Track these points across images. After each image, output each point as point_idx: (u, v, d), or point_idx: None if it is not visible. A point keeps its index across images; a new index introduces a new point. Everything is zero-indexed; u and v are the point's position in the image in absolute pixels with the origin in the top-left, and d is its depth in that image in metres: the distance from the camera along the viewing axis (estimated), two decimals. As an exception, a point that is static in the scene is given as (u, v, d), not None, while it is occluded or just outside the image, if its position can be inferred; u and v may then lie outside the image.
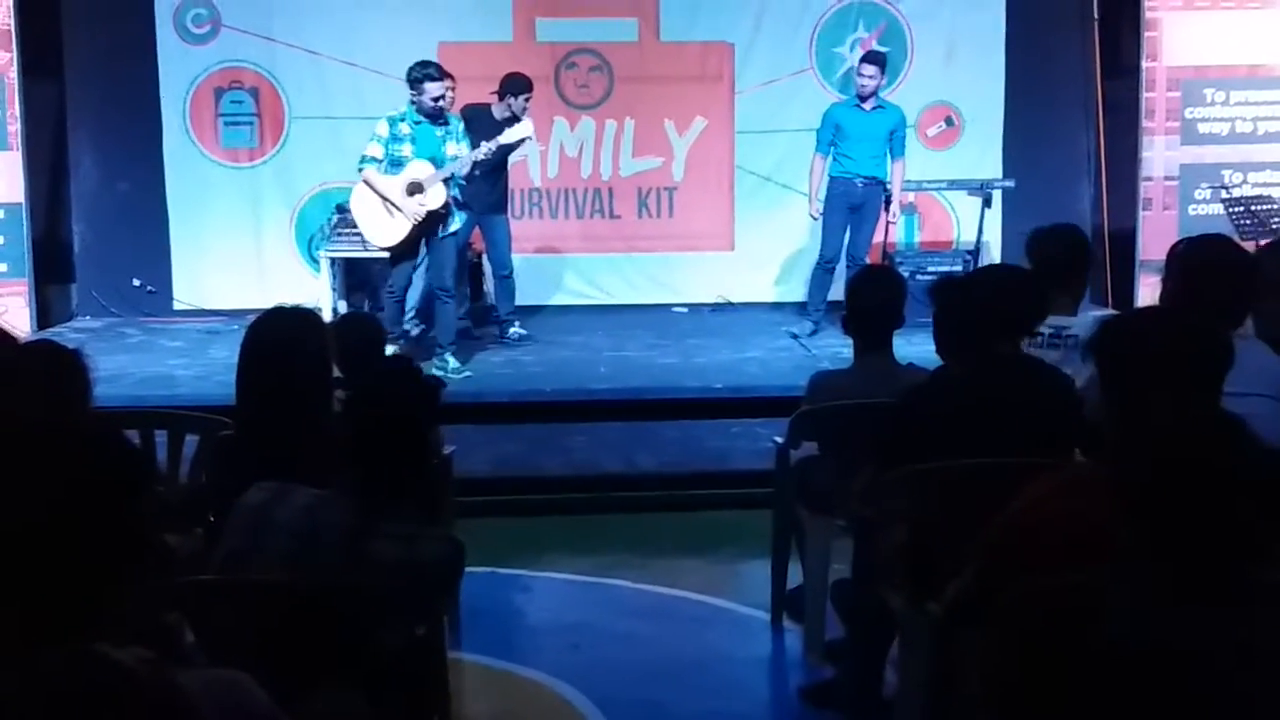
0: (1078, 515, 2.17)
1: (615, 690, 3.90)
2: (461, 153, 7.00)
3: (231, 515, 2.57)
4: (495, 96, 7.80)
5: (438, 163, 6.95)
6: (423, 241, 7.13)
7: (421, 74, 6.94)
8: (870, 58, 8.01)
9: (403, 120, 7.01)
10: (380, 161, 7.03)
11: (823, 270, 8.05)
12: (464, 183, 7.19)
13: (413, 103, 7.00)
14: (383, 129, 7.04)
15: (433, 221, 7.03)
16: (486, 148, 7.03)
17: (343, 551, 2.47)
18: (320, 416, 2.66)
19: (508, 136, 7.22)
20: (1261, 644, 1.74)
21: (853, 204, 7.90)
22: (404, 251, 7.16)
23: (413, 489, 2.60)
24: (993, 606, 2.08)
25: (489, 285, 8.44)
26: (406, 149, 6.99)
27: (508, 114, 7.67)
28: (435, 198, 6.94)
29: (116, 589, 1.55)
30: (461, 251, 7.69)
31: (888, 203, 7.94)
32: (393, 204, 6.99)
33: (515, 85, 7.73)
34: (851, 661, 3.72)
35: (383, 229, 7.10)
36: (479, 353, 7.75)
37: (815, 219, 8.08)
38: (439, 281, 7.19)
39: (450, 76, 7.11)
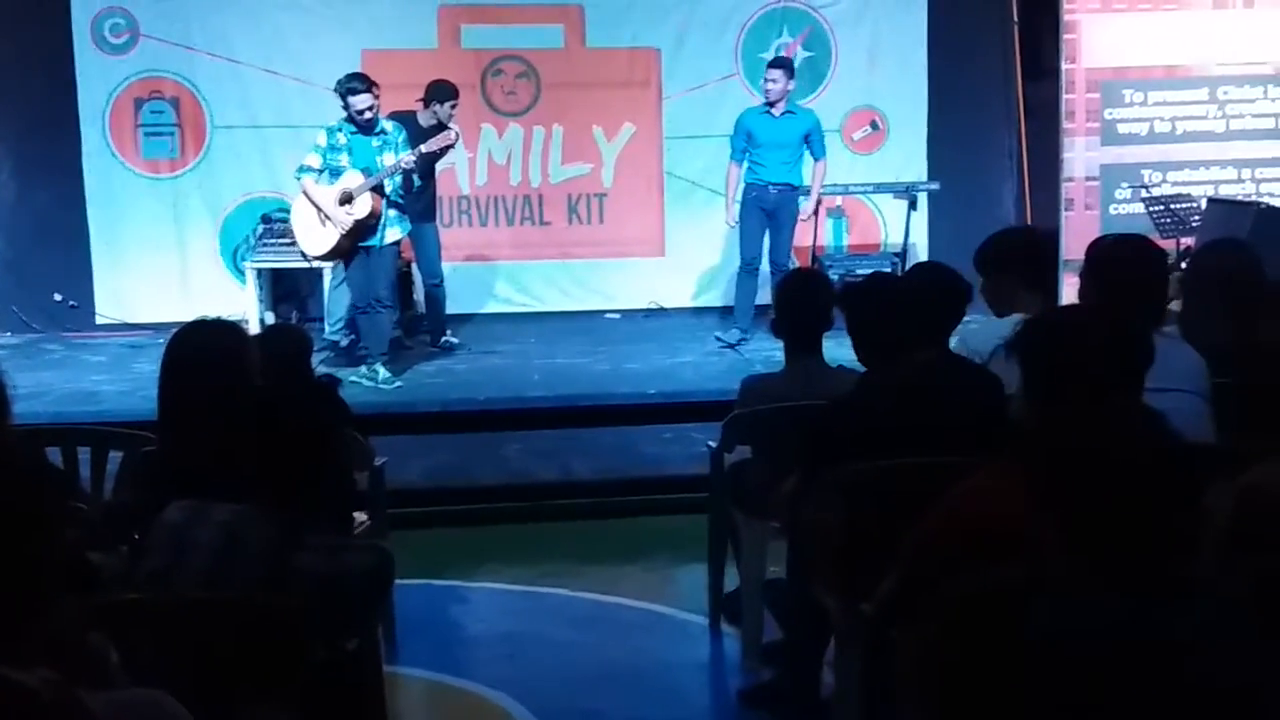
0: (1002, 512, 2.19)
1: (553, 700, 3.88)
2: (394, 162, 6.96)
3: (151, 534, 2.52)
4: (421, 104, 7.76)
5: (371, 173, 6.91)
6: (355, 252, 7.07)
7: (345, 87, 6.93)
8: (776, 63, 8.01)
9: (339, 130, 6.98)
10: (319, 171, 6.99)
11: (744, 274, 8.03)
12: (403, 193, 7.13)
13: (346, 117, 6.97)
14: (321, 139, 7.03)
15: (363, 231, 6.97)
16: (409, 157, 6.98)
17: (265, 566, 2.44)
18: (242, 431, 2.61)
19: (430, 145, 7.18)
20: (1181, 636, 1.76)
21: (766, 209, 7.91)
22: (348, 263, 7.14)
23: (328, 501, 2.56)
24: (921, 605, 2.09)
25: (419, 294, 8.39)
26: (344, 159, 6.96)
27: (433, 121, 7.63)
28: (362, 207, 6.89)
29: (26, 611, 1.51)
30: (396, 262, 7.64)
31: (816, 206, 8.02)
32: (325, 214, 6.94)
33: (440, 92, 7.69)
34: (788, 663, 3.73)
35: (315, 238, 7.07)
36: (411, 363, 7.69)
37: (731, 226, 8.12)
38: (374, 292, 7.12)
39: (375, 86, 7.05)
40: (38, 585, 1.59)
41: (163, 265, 8.89)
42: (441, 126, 7.55)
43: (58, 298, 8.84)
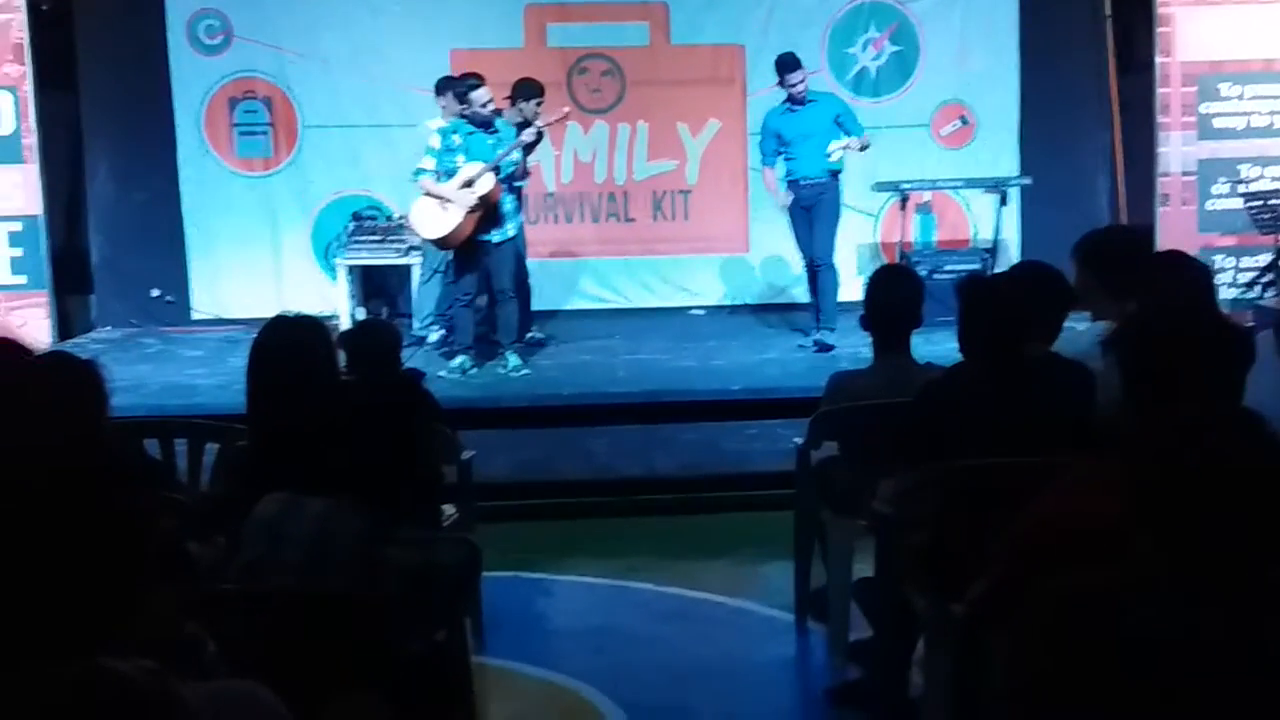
0: (1099, 513, 2.15)
1: (639, 693, 3.89)
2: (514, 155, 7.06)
3: (245, 526, 2.57)
4: (508, 102, 7.82)
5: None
6: (473, 245, 7.13)
7: (465, 86, 7.09)
8: (790, 64, 7.65)
9: (454, 132, 7.11)
10: (435, 174, 7.09)
11: (810, 272, 7.91)
12: (521, 184, 7.25)
13: (463, 116, 7.11)
14: (435, 141, 7.18)
15: (487, 222, 7.04)
16: (529, 133, 7.09)
17: (356, 559, 2.47)
18: (331, 424, 2.65)
19: (546, 117, 7.27)
20: (1277, 644, 1.72)
21: (804, 205, 7.72)
22: (466, 254, 7.20)
23: (417, 495, 2.59)
24: (1016, 606, 2.06)
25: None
26: (460, 159, 7.07)
27: (520, 119, 7.68)
28: (484, 184, 6.98)
29: (125, 601, 1.54)
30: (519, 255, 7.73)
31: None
32: (447, 199, 7.01)
33: (527, 90, 7.75)
34: (877, 662, 3.70)
35: (437, 222, 7.15)
36: (498, 358, 7.74)
37: (785, 206, 7.82)
38: (498, 284, 7.28)
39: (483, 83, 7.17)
40: (135, 575, 1.62)
41: (257, 262, 9.06)
42: (528, 124, 7.61)
43: (155, 293, 9.05)
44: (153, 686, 1.25)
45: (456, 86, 7.12)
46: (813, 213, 7.70)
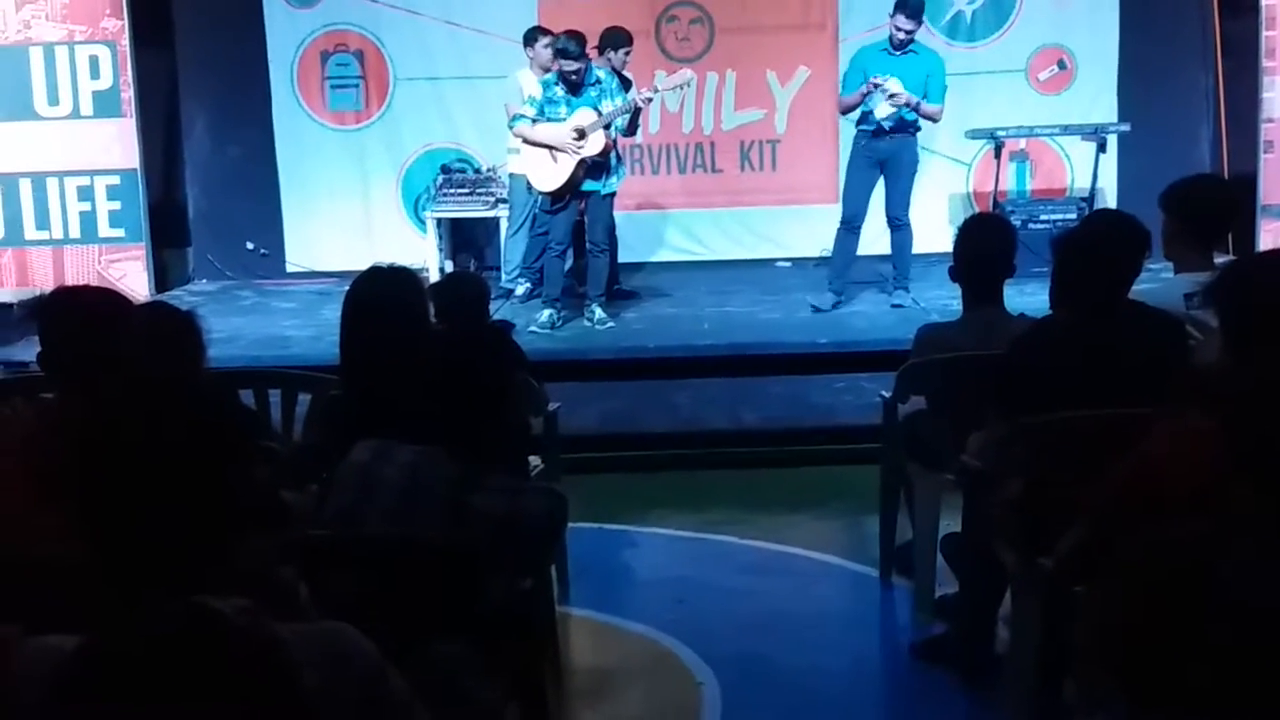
0: (1194, 468, 2.11)
1: (721, 645, 3.90)
2: (617, 105, 7.05)
3: (338, 473, 2.62)
4: (595, 51, 7.79)
5: (599, 112, 7.04)
6: (573, 195, 7.15)
7: (557, 48, 7.11)
8: (906, 8, 7.20)
9: (557, 83, 7.11)
10: (533, 120, 7.11)
11: (845, 231, 7.49)
12: (626, 134, 7.31)
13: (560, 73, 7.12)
14: (538, 91, 7.18)
15: (593, 171, 7.08)
16: (644, 94, 7.10)
17: (446, 505, 2.50)
18: (422, 374, 2.68)
19: (668, 82, 7.25)
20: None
21: (879, 159, 7.33)
22: (563, 202, 7.22)
23: (504, 444, 2.61)
24: (1107, 561, 2.03)
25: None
26: (562, 111, 7.08)
27: (607, 68, 7.65)
28: (594, 144, 7.00)
29: (223, 542, 1.58)
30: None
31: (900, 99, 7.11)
32: (555, 148, 7.03)
33: (614, 39, 7.71)
34: (963, 617, 3.67)
35: (548, 173, 7.16)
36: (583, 310, 7.77)
37: (872, 88, 7.20)
38: (593, 235, 7.30)
39: (586, 47, 7.11)
40: (232, 520, 1.67)
41: (348, 215, 9.17)
42: (616, 73, 7.58)
43: (250, 246, 9.22)
44: (248, 624, 1.29)
45: (554, 43, 7.11)
46: (890, 166, 7.34)
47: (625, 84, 7.44)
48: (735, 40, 9.03)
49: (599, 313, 7.33)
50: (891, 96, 7.14)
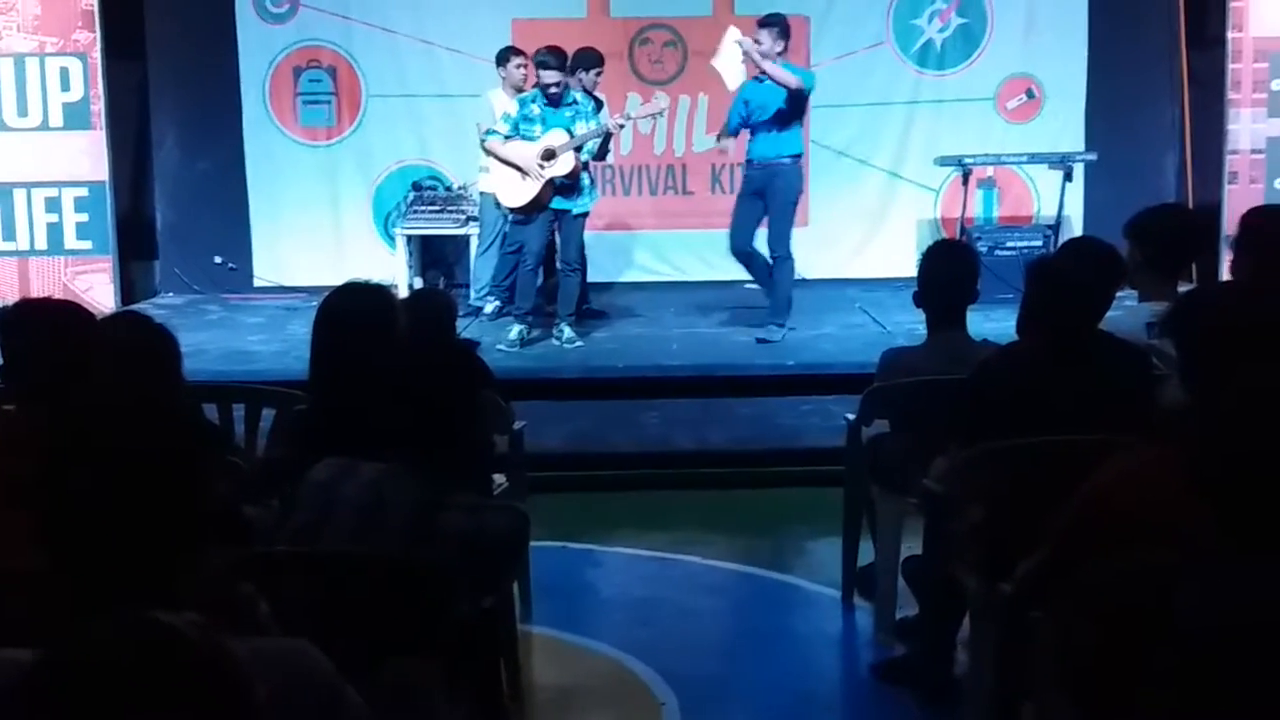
0: (1153, 496, 2.13)
1: (684, 666, 3.90)
2: (591, 129, 7.09)
3: (300, 489, 2.61)
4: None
5: (571, 133, 7.06)
6: (546, 212, 7.18)
7: (537, 60, 7.13)
8: (763, 21, 7.18)
9: (534, 101, 7.13)
10: (506, 138, 7.14)
11: (741, 263, 7.43)
12: (596, 159, 7.35)
13: (541, 88, 7.15)
14: (513, 108, 7.22)
15: (564, 191, 7.11)
16: (617, 119, 7.12)
17: (409, 523, 2.50)
18: (390, 390, 2.69)
19: (642, 110, 7.27)
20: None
21: (754, 189, 7.23)
22: (538, 220, 7.23)
23: (468, 462, 2.61)
24: (1065, 586, 2.05)
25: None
26: (537, 130, 7.10)
27: (579, 89, 7.68)
28: (564, 165, 7.02)
29: (180, 558, 1.58)
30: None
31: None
32: (521, 168, 7.06)
33: (586, 60, 7.75)
34: (923, 639, 3.69)
35: (515, 190, 7.18)
36: (552, 329, 7.78)
37: (721, 142, 7.42)
38: (565, 255, 7.32)
39: (566, 62, 7.14)
40: (191, 535, 1.67)
41: (318, 230, 9.15)
42: (587, 94, 7.61)
43: (218, 260, 9.17)
44: (201, 638, 1.29)
45: (535, 56, 7.14)
46: (766, 198, 7.20)
47: (597, 105, 7.47)
48: (708, 64, 9.07)
49: (568, 332, 7.35)
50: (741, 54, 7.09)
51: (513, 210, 7.31)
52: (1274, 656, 1.72)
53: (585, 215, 7.36)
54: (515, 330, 7.30)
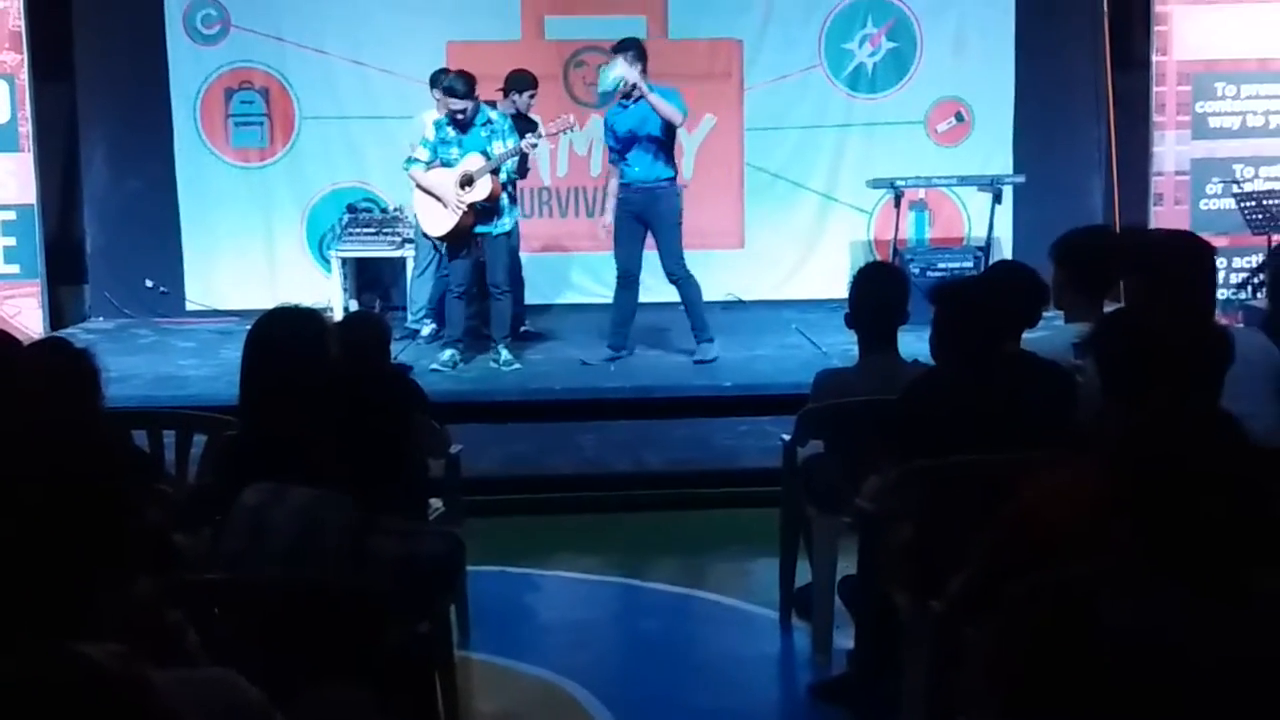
0: (1076, 511, 2.17)
1: (624, 689, 3.91)
2: (508, 148, 7.08)
3: (230, 516, 2.59)
4: (500, 94, 7.83)
5: (488, 156, 7.04)
6: (472, 237, 7.17)
7: (445, 86, 7.15)
8: (618, 47, 7.18)
9: (449, 124, 7.10)
10: (427, 164, 7.12)
11: (619, 286, 7.40)
12: (517, 177, 7.34)
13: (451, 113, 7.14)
14: (430, 132, 7.22)
15: (485, 215, 7.08)
16: (530, 139, 7.12)
17: (341, 549, 2.48)
18: (320, 415, 2.67)
19: (551, 126, 7.30)
20: (1254, 644, 1.74)
21: (634, 211, 7.22)
22: (460, 246, 7.23)
23: (402, 486, 2.60)
24: (995, 602, 2.08)
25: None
26: (454, 151, 7.11)
27: (512, 110, 7.70)
28: (481, 189, 7.02)
29: (104, 588, 1.56)
30: (513, 249, 7.75)
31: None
32: (440, 198, 7.04)
33: (519, 82, 7.76)
34: (859, 658, 3.72)
35: (436, 219, 7.18)
36: (489, 351, 7.76)
37: (605, 231, 7.49)
38: (493, 278, 7.30)
39: (475, 87, 7.13)
40: (117, 563, 1.64)
41: (251, 253, 9.06)
42: (521, 116, 7.62)
43: (149, 284, 9.05)
44: (120, 670, 1.27)
45: (442, 82, 7.14)
46: (649, 221, 7.21)
47: (530, 126, 7.48)
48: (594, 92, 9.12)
49: (504, 354, 7.34)
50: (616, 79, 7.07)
51: (435, 239, 7.33)
52: (1194, 668, 1.75)
53: (507, 235, 7.34)
54: (447, 354, 7.28)
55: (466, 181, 7.03)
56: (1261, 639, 1.74)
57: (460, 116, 7.06)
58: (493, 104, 7.76)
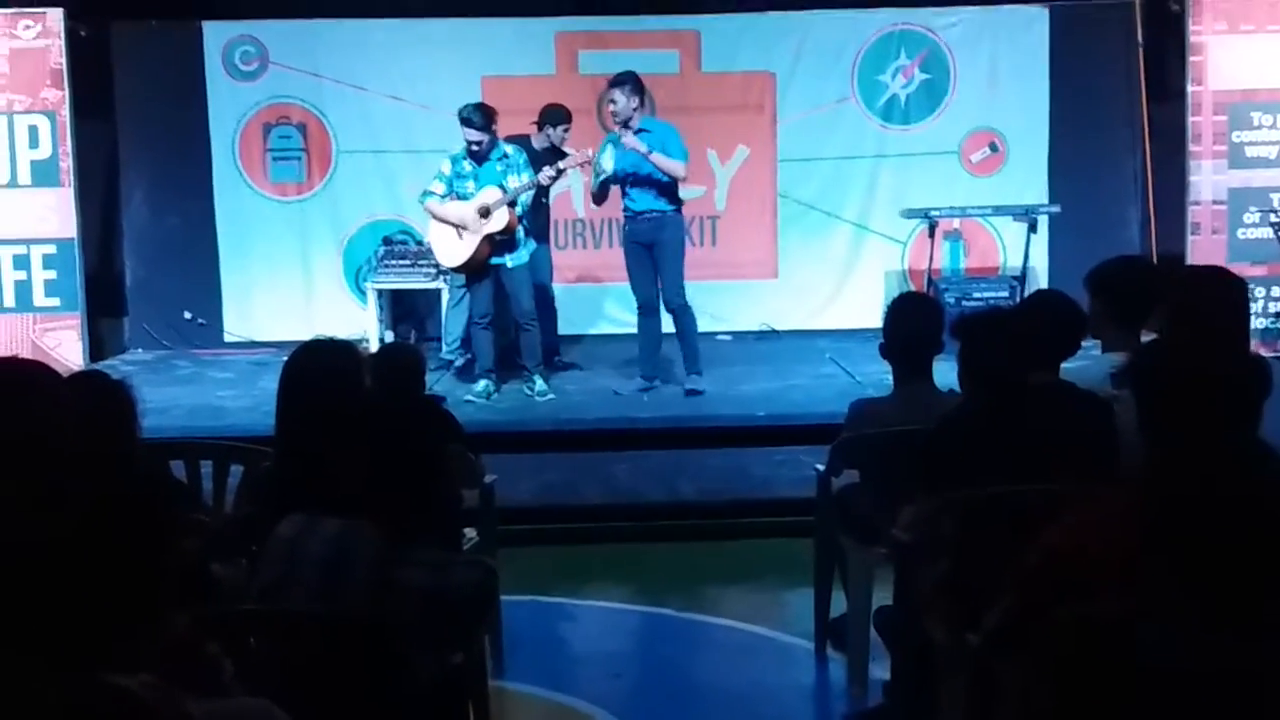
0: (1113, 543, 2.15)
1: (656, 719, 3.88)
2: (523, 182, 7.11)
3: (265, 546, 2.60)
4: (535, 127, 7.88)
5: (505, 189, 7.07)
6: (488, 269, 7.19)
7: (461, 117, 7.17)
8: (615, 80, 7.23)
9: (465, 158, 7.15)
10: (442, 197, 7.17)
11: (640, 316, 7.40)
12: (531, 212, 7.39)
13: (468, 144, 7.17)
14: (446, 167, 7.26)
15: (501, 247, 7.12)
16: (548, 172, 7.17)
17: (373, 580, 2.49)
18: (353, 446, 2.68)
19: (567, 162, 7.33)
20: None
21: (640, 241, 7.23)
22: (479, 278, 7.26)
23: (435, 517, 2.61)
24: (1030, 635, 2.06)
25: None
26: (470, 185, 7.16)
27: (547, 144, 7.75)
28: (499, 220, 7.06)
29: (141, 618, 1.57)
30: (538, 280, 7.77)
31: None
32: (461, 227, 7.08)
33: (554, 116, 7.81)
34: (896, 691, 3.69)
35: (452, 250, 7.23)
36: (523, 381, 7.79)
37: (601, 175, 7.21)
38: (518, 308, 7.34)
39: (494, 119, 7.18)
40: (153, 594, 1.66)
41: (288, 285, 9.15)
42: (555, 149, 7.67)
43: (188, 316, 9.15)
44: (157, 700, 1.28)
45: (460, 114, 7.16)
46: (654, 252, 7.22)
47: (561, 157, 7.51)
48: (675, 119, 9.04)
49: (539, 384, 7.36)
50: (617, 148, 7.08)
51: (452, 270, 7.37)
52: (1229, 701, 1.73)
53: (524, 267, 7.34)
54: (481, 385, 7.31)
55: (484, 213, 7.07)
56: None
57: (475, 148, 7.10)
58: (527, 137, 7.82)
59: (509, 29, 9.12)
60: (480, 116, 7.10)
